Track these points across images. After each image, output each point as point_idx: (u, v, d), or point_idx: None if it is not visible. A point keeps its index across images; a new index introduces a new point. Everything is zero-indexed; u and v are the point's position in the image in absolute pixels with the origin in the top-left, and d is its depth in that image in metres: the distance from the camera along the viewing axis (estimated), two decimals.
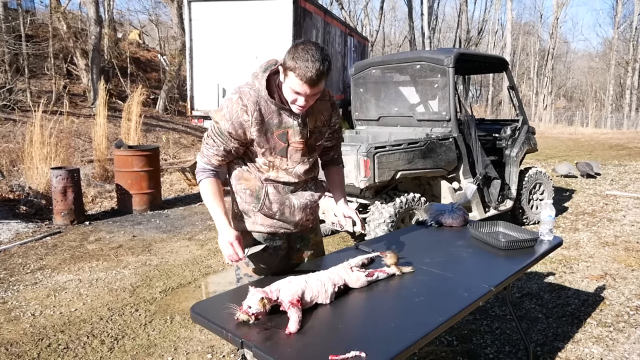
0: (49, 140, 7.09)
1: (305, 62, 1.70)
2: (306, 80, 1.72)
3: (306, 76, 1.71)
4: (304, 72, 1.71)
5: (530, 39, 38.74)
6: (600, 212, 6.39)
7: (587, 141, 16.86)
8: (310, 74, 1.71)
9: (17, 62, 12.12)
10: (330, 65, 1.77)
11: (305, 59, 1.71)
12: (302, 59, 1.71)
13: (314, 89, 1.77)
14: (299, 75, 1.72)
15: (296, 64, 1.71)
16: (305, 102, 1.82)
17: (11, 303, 3.64)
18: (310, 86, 1.74)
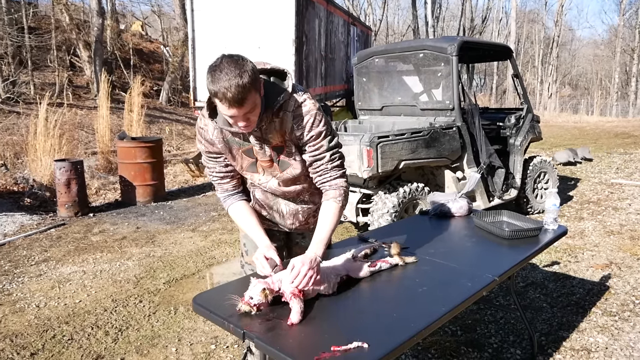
0: (53, 132, 7.09)
1: (222, 82, 1.52)
2: (229, 102, 1.54)
3: (227, 98, 1.53)
4: (224, 94, 1.53)
5: (534, 26, 38.37)
6: (606, 200, 6.34)
7: (593, 129, 16.73)
8: (230, 95, 1.52)
9: (20, 55, 12.11)
10: (253, 74, 1.56)
11: (222, 79, 1.52)
12: (217, 80, 1.53)
13: (243, 108, 1.57)
14: (220, 99, 1.55)
15: (214, 88, 1.54)
16: (245, 123, 1.64)
17: (16, 295, 3.65)
18: (238, 106, 1.56)
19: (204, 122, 1.83)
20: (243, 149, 1.83)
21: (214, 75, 1.56)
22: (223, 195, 1.97)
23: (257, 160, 1.86)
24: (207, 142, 1.85)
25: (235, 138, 1.81)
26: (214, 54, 2.79)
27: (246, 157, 1.86)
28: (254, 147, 1.81)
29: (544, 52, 35.61)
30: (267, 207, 2.02)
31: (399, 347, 1.43)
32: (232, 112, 1.58)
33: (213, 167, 1.92)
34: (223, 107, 1.58)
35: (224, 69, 1.54)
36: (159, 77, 16.48)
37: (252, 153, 1.84)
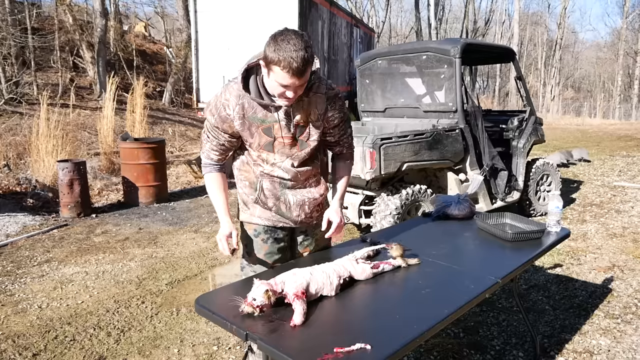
0: (56, 133, 7.11)
1: (288, 52, 1.62)
2: (293, 71, 1.64)
3: (292, 67, 1.63)
4: (289, 63, 1.62)
5: (537, 29, 38.34)
6: (608, 203, 6.33)
7: (595, 132, 16.70)
8: (296, 65, 1.62)
9: (23, 55, 12.15)
10: (313, 51, 1.70)
11: (288, 49, 1.62)
12: (285, 49, 1.62)
13: (302, 79, 1.69)
14: (284, 67, 1.63)
15: (279, 55, 1.62)
16: (294, 94, 1.75)
17: (18, 295, 3.66)
18: (299, 77, 1.67)
19: (225, 97, 1.85)
20: (262, 126, 1.87)
21: (279, 43, 1.64)
22: (206, 161, 2.01)
23: (274, 139, 1.90)
24: (221, 118, 1.87)
25: (258, 115, 1.85)
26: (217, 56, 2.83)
27: (265, 135, 1.89)
28: (279, 124, 1.86)
29: (547, 55, 35.57)
30: (274, 197, 2.01)
31: (401, 349, 1.43)
32: (291, 81, 1.67)
33: (213, 139, 1.95)
34: (283, 76, 1.66)
35: (291, 40, 1.63)
36: (162, 78, 16.51)
37: (271, 132, 1.88)
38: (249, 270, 2.15)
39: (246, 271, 2.17)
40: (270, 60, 1.66)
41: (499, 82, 35.11)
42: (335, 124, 2.01)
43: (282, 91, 1.73)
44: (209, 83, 9.39)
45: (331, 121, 1.99)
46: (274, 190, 2.00)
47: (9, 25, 11.32)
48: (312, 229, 2.17)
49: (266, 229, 2.08)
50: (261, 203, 2.02)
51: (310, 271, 1.75)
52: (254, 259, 2.12)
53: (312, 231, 2.17)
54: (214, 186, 2.01)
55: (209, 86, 9.41)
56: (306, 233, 2.17)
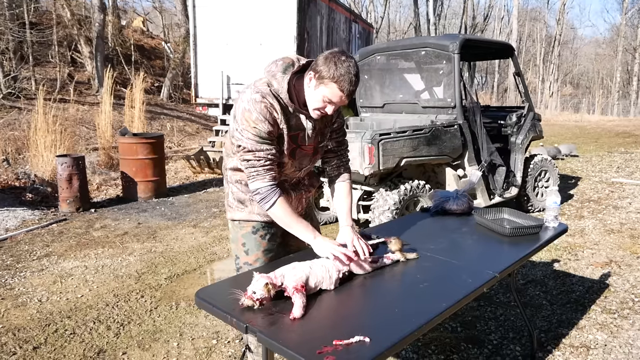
0: (54, 128, 7.11)
1: (348, 75, 1.71)
2: (347, 92, 1.74)
3: (348, 89, 1.73)
4: (347, 85, 1.72)
5: (536, 25, 38.31)
6: (606, 199, 6.36)
7: (594, 128, 16.73)
8: (352, 87, 1.73)
9: (21, 50, 12.11)
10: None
11: (348, 72, 1.71)
12: (345, 70, 1.71)
13: (348, 100, 1.79)
14: (341, 87, 1.72)
15: (340, 75, 1.71)
16: (332, 111, 1.83)
17: (18, 289, 3.67)
18: (349, 97, 1.77)
19: (270, 101, 1.79)
20: (290, 134, 1.89)
21: (340, 63, 1.71)
22: (270, 185, 1.83)
23: (298, 147, 1.94)
24: (272, 120, 1.80)
25: (291, 122, 1.88)
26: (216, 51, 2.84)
27: (291, 142, 1.91)
28: (305, 132, 1.92)
29: (546, 51, 35.56)
30: None
31: (400, 342, 1.44)
32: (339, 100, 1.77)
33: (268, 149, 1.81)
34: (336, 93, 1.74)
35: (350, 63, 1.73)
36: (160, 74, 16.48)
37: (297, 140, 1.93)
38: (246, 269, 2.15)
39: (243, 270, 2.17)
40: (327, 75, 1.72)
41: (497, 78, 35.12)
42: (335, 129, 2.10)
43: (324, 106, 1.80)
44: (208, 78, 9.37)
45: (333, 125, 2.08)
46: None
47: (7, 20, 11.28)
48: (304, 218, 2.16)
49: (264, 225, 2.09)
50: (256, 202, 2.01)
51: (310, 265, 1.76)
52: (252, 257, 2.11)
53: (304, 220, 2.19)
54: (288, 213, 1.88)
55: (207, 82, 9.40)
56: None
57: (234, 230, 2.11)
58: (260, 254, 2.10)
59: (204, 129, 12.76)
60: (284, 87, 1.81)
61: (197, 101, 9.59)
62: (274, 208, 1.85)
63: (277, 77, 1.83)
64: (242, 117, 1.79)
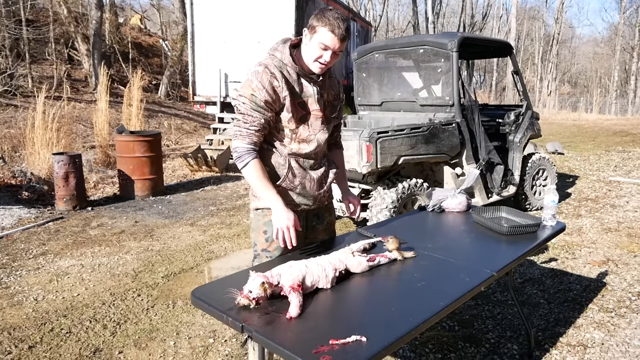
0: (51, 125, 7.07)
1: (336, 19, 1.86)
2: (338, 34, 1.86)
3: (338, 30, 1.86)
4: (336, 27, 1.85)
5: (535, 24, 38.33)
6: (604, 198, 6.36)
7: (591, 127, 16.75)
8: (340, 30, 1.86)
9: (18, 47, 12.06)
10: None
11: (336, 17, 1.87)
12: (332, 17, 1.86)
13: (341, 45, 1.89)
14: (331, 29, 1.85)
15: (328, 20, 1.86)
16: (330, 59, 1.92)
17: (14, 288, 3.65)
18: (340, 41, 1.88)
19: (271, 70, 1.92)
20: (298, 100, 1.99)
21: (327, 13, 1.88)
22: (248, 147, 1.95)
23: (308, 113, 2.03)
24: (272, 89, 1.91)
25: (297, 89, 1.98)
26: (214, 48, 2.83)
27: (300, 109, 2.00)
28: (313, 97, 2.02)
29: (544, 50, 35.59)
30: (301, 175, 2.07)
31: (397, 341, 1.44)
32: (333, 42, 1.88)
33: (257, 117, 1.93)
34: (328, 36, 1.87)
35: (339, 12, 1.89)
36: (158, 71, 16.43)
37: (306, 106, 2.02)
38: (264, 257, 2.15)
39: (261, 258, 2.16)
40: (317, 24, 1.88)
41: (495, 77, 35.14)
42: (340, 107, 2.25)
43: (321, 54, 1.91)
44: (206, 76, 9.35)
45: (341, 102, 2.23)
46: (300, 169, 2.07)
47: (3, 17, 11.24)
48: (323, 211, 2.27)
49: None
50: (288, 182, 2.05)
51: (306, 264, 1.75)
52: (273, 244, 2.11)
53: (323, 214, 2.27)
54: (259, 174, 1.96)
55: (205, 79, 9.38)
56: (318, 216, 2.25)
57: (256, 219, 2.15)
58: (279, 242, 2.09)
59: (202, 127, 12.74)
60: (285, 53, 1.96)
61: (194, 99, 9.56)
62: (247, 168, 1.95)
63: (279, 48, 1.99)
64: (243, 84, 1.95)
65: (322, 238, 2.28)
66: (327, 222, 2.30)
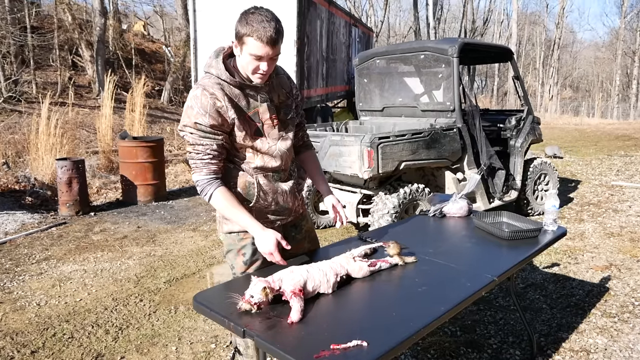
0: (54, 131, 7.11)
1: (260, 22, 1.70)
2: (267, 40, 1.71)
3: (266, 36, 1.70)
4: (263, 33, 1.70)
5: (536, 29, 38.38)
6: (606, 202, 6.35)
7: (593, 132, 16.72)
8: (269, 33, 1.70)
9: (22, 54, 12.14)
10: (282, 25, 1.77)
11: (260, 20, 1.70)
12: (256, 21, 1.70)
13: (275, 50, 1.75)
14: (258, 37, 1.70)
15: (253, 27, 1.70)
16: (268, 67, 1.79)
17: (17, 293, 3.67)
18: (272, 46, 1.73)
19: (210, 92, 1.80)
20: (249, 113, 1.89)
21: (250, 17, 1.72)
22: (208, 178, 1.84)
23: (262, 124, 1.92)
24: (216, 112, 1.80)
25: (242, 103, 1.86)
26: None
27: (253, 122, 1.90)
28: (264, 106, 1.91)
29: (545, 55, 35.62)
30: (272, 191, 1.99)
31: (398, 346, 1.44)
32: (264, 50, 1.73)
33: (208, 144, 1.82)
34: (257, 46, 1.72)
35: (262, 13, 1.72)
36: (161, 77, 16.50)
37: (258, 117, 1.91)
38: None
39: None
40: (243, 33, 1.73)
41: (497, 82, 35.16)
42: (299, 102, 2.12)
43: (256, 65, 1.78)
44: None
45: (295, 99, 2.08)
46: (270, 184, 2.00)
47: (9, 24, 11.31)
48: (299, 220, 2.21)
49: None
50: (261, 200, 1.97)
51: (307, 269, 1.76)
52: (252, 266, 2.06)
53: (300, 222, 2.21)
54: (228, 202, 1.85)
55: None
56: (295, 226, 2.19)
57: (232, 242, 2.05)
58: (259, 264, 2.06)
59: None
60: (220, 68, 1.84)
61: None
62: (213, 199, 1.85)
63: (212, 63, 1.87)
64: (185, 114, 1.84)
65: (305, 247, 2.21)
66: (306, 229, 2.23)
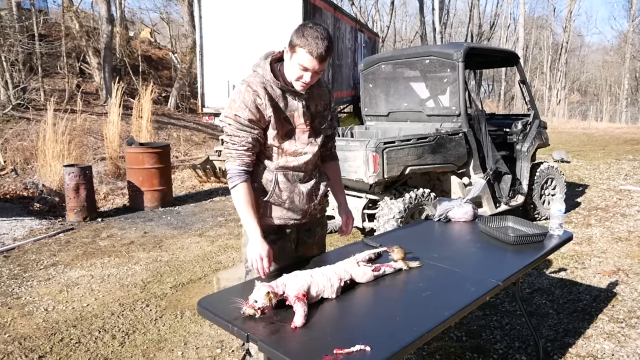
0: (62, 138, 7.19)
1: (315, 39, 1.81)
2: (316, 55, 1.82)
3: (317, 52, 1.81)
4: (315, 48, 1.81)
5: (543, 32, 38.27)
6: (614, 207, 6.30)
7: (601, 136, 16.63)
8: (320, 50, 1.81)
9: (30, 62, 12.27)
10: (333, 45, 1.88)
11: (315, 36, 1.81)
12: (311, 36, 1.81)
13: (321, 65, 1.86)
14: (309, 51, 1.81)
15: (307, 40, 1.81)
16: (311, 79, 1.90)
17: (25, 298, 3.70)
18: (320, 62, 1.84)
19: (253, 89, 1.92)
20: (283, 115, 1.98)
21: (307, 30, 1.83)
22: (240, 169, 1.95)
23: (294, 127, 2.01)
24: (256, 108, 1.91)
25: (281, 104, 1.96)
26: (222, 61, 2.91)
27: (286, 123, 1.99)
28: (298, 112, 2.00)
29: (553, 59, 35.49)
30: (289, 190, 2.05)
31: (401, 351, 1.44)
32: (312, 64, 1.84)
33: (245, 136, 1.93)
34: (307, 58, 1.83)
35: (319, 29, 1.84)
36: (167, 84, 16.62)
37: (291, 121, 2.00)
38: (256, 273, 2.15)
39: (253, 274, 2.16)
40: (296, 43, 1.84)
41: (504, 86, 35.06)
42: (333, 116, 2.22)
43: (301, 74, 1.89)
44: (214, 88, 9.43)
45: (332, 112, 2.20)
46: (288, 184, 2.05)
47: (17, 32, 11.45)
48: (315, 225, 2.23)
49: (276, 229, 2.10)
50: (275, 197, 2.03)
51: (311, 273, 1.76)
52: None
53: (315, 228, 2.24)
54: (245, 199, 1.94)
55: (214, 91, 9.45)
56: (310, 230, 2.22)
57: (246, 234, 2.12)
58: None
59: (211, 139, 12.83)
60: (266, 69, 1.95)
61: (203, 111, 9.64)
62: (235, 190, 1.95)
63: (261, 64, 1.99)
64: (228, 105, 1.97)
65: (313, 253, 2.25)
66: (319, 236, 2.28)
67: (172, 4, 23.39)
